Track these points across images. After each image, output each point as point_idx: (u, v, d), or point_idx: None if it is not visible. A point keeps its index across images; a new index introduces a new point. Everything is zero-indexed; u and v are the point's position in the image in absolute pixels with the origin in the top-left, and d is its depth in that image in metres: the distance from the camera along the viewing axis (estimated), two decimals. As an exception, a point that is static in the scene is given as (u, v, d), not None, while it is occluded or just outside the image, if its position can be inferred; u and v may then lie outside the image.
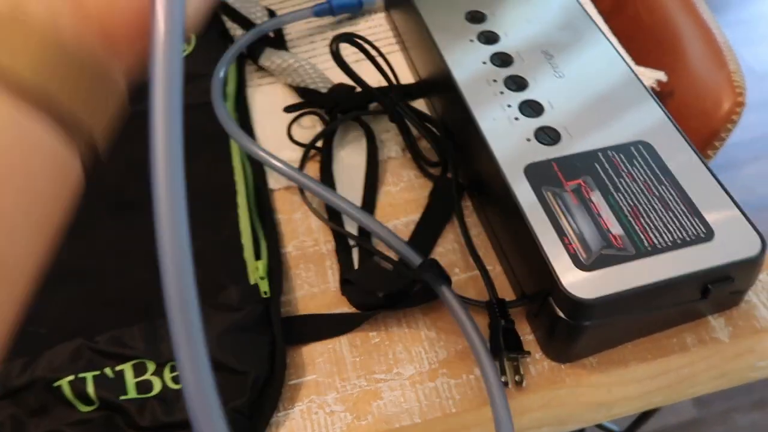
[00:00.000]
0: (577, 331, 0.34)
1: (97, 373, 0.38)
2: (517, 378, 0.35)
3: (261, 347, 0.38)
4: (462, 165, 0.44)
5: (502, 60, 0.43)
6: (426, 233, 0.43)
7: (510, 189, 0.36)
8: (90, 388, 0.37)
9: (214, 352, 0.37)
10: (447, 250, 0.44)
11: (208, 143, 0.48)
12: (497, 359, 0.36)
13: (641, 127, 0.39)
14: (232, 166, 0.48)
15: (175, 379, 0.37)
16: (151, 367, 0.38)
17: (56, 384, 0.37)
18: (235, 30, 0.55)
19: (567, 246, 0.34)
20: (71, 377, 0.37)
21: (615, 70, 0.42)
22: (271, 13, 0.59)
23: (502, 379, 0.35)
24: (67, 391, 0.37)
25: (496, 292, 0.39)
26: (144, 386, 0.37)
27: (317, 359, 0.40)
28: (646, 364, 0.38)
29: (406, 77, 0.52)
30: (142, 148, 0.52)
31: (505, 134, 0.39)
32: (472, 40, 0.44)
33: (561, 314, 0.33)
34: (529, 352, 0.37)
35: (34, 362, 0.38)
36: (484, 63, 0.43)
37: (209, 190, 0.46)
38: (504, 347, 0.35)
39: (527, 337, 0.39)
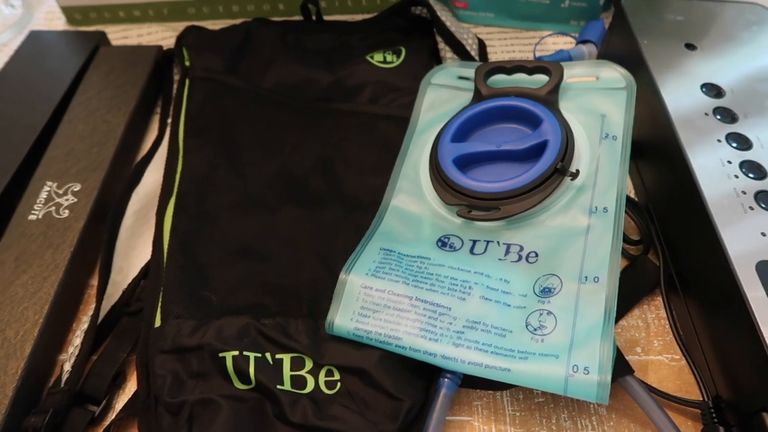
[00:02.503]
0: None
1: (258, 355, 0.38)
2: None
3: (420, 377, 0.38)
4: (670, 249, 0.41)
5: (739, 142, 0.40)
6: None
7: (739, 286, 0.33)
8: (251, 368, 0.38)
9: (375, 371, 0.37)
10: (630, 326, 0.41)
11: (391, 155, 0.48)
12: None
13: None
14: None
15: (329, 384, 0.37)
16: (308, 364, 0.38)
17: (222, 354, 0.38)
18: (446, 52, 0.56)
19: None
20: (236, 352, 0.38)
21: None
22: (481, 43, 0.59)
23: None
24: (229, 364, 0.38)
25: (709, 390, 0.36)
26: (298, 381, 0.38)
27: (475, 402, 0.38)
28: None
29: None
30: (332, 145, 0.54)
31: (738, 225, 0.36)
32: (707, 114, 0.41)
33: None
34: None
35: (202, 327, 0.39)
36: (719, 141, 0.40)
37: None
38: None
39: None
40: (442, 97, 0.50)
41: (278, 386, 0.37)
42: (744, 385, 0.33)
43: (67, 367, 0.39)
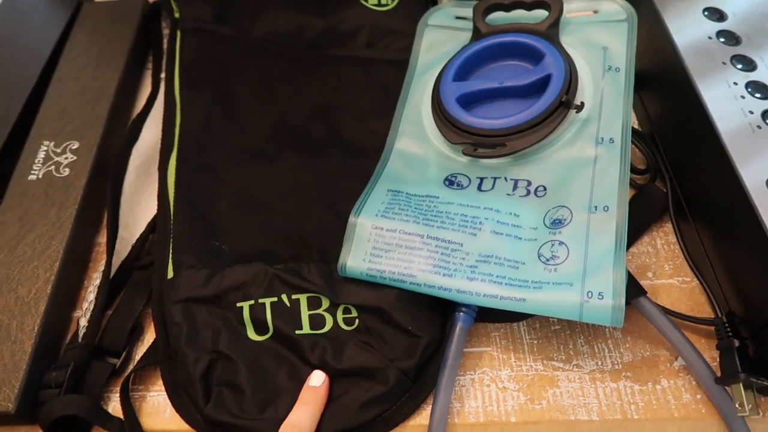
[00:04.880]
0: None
1: (274, 299, 0.38)
2: (750, 406, 0.32)
3: (437, 314, 0.38)
4: (678, 176, 0.41)
5: (744, 63, 0.40)
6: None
7: (751, 202, 0.33)
8: (268, 314, 0.38)
9: (392, 310, 0.37)
10: (640, 252, 0.41)
11: (390, 99, 0.48)
12: (729, 383, 0.34)
13: None
14: None
15: (347, 321, 0.38)
16: (325, 303, 0.38)
17: (239, 305, 0.38)
18: (442, -8, 0.55)
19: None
20: (252, 302, 0.38)
21: None
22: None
23: (737, 406, 0.33)
24: (246, 314, 0.38)
25: (722, 308, 0.37)
26: (316, 321, 0.38)
27: (493, 333, 0.39)
28: None
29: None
30: (329, 92, 0.53)
31: (746, 144, 0.36)
32: (710, 38, 0.41)
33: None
34: (765, 379, 0.33)
35: (215, 275, 0.39)
36: (724, 63, 0.40)
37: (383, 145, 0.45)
38: (740, 370, 0.33)
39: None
40: (440, 38, 0.49)
41: (297, 331, 0.37)
42: (756, 299, 0.34)
43: (83, 322, 0.39)
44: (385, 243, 0.38)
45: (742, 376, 0.32)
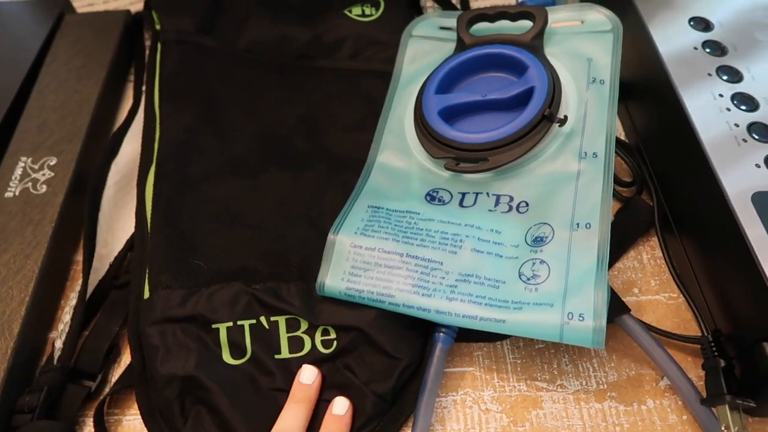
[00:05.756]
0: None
1: (253, 321, 0.38)
2: (736, 428, 0.31)
3: (417, 334, 0.37)
4: (663, 189, 0.41)
5: (730, 74, 0.39)
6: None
7: (736, 218, 0.33)
8: (247, 338, 0.37)
9: (370, 330, 0.36)
10: (626, 267, 0.41)
11: (375, 111, 0.47)
12: (715, 404, 0.33)
13: None
14: None
15: (324, 343, 0.37)
16: (304, 325, 0.38)
17: (215, 326, 0.38)
18: (426, 1, 0.54)
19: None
20: (230, 323, 0.38)
21: None
22: (461, -10, 0.57)
23: (723, 429, 0.32)
24: (223, 336, 0.37)
25: (708, 325, 0.36)
26: (296, 343, 0.37)
27: (476, 352, 0.38)
28: None
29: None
30: (314, 104, 0.52)
31: (732, 158, 0.35)
32: (696, 48, 0.41)
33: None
34: (751, 400, 0.32)
35: (192, 296, 0.39)
36: (710, 75, 0.39)
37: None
38: (726, 392, 0.32)
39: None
40: (425, 48, 0.48)
41: (276, 356, 0.37)
42: (743, 317, 0.33)
43: (59, 344, 0.38)
44: (363, 262, 0.37)
45: (728, 398, 0.32)
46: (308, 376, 0.35)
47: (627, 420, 0.35)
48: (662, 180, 0.41)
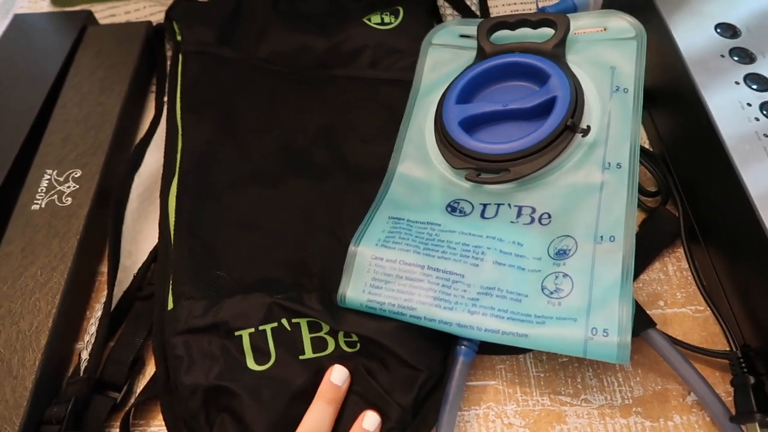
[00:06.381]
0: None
1: (275, 324, 0.38)
2: None
3: (438, 347, 0.37)
4: (689, 199, 0.40)
5: (758, 83, 0.38)
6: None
7: (764, 229, 0.32)
8: (269, 341, 0.37)
9: (391, 342, 0.36)
10: (651, 279, 0.40)
11: (394, 120, 0.47)
12: (745, 422, 0.32)
13: None
14: None
15: (349, 344, 0.37)
16: (325, 327, 0.38)
17: (237, 333, 0.38)
18: (446, 9, 0.54)
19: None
20: (252, 329, 0.38)
21: None
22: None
23: None
24: (246, 342, 0.38)
25: (737, 340, 0.35)
26: (319, 344, 0.37)
27: (498, 365, 0.38)
28: None
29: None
30: (334, 113, 0.52)
31: (760, 169, 0.34)
32: (723, 56, 0.40)
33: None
34: None
35: (214, 306, 0.39)
36: (737, 83, 0.38)
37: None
38: (756, 409, 0.31)
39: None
40: (445, 57, 0.48)
41: (300, 356, 0.37)
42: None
43: (85, 355, 0.39)
44: (384, 274, 0.37)
45: (758, 417, 0.31)
46: (339, 376, 0.35)
47: (653, 436, 0.34)
48: (688, 190, 0.41)
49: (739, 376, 0.33)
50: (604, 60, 0.42)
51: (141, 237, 0.46)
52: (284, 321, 0.38)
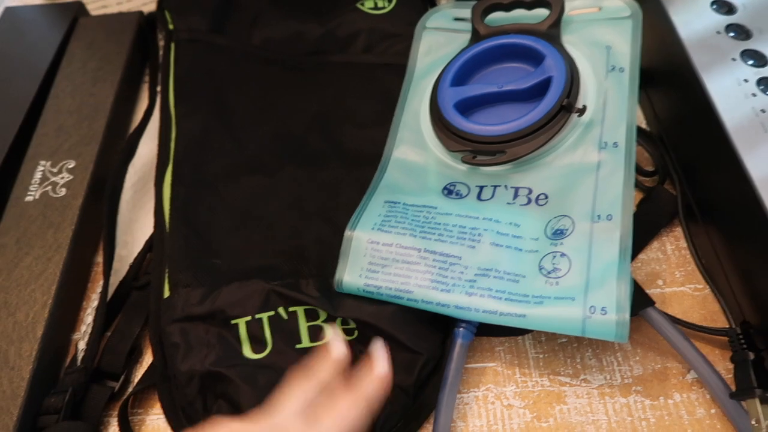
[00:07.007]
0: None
1: (271, 313, 0.38)
2: (767, 423, 0.31)
3: (436, 330, 0.37)
4: (687, 178, 0.40)
5: (755, 59, 0.38)
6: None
7: (763, 206, 0.32)
8: (266, 330, 0.37)
9: (389, 326, 0.36)
10: (650, 259, 0.40)
11: (390, 105, 0.46)
12: (745, 398, 0.32)
13: None
14: None
15: (346, 332, 0.37)
16: (323, 315, 0.38)
17: (234, 321, 0.38)
18: (439, -8, 0.53)
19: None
20: (248, 317, 0.38)
21: None
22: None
23: (753, 423, 0.31)
24: (242, 330, 0.37)
25: (736, 317, 0.35)
26: (315, 333, 0.37)
27: (497, 347, 0.38)
28: None
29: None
30: (329, 99, 0.52)
31: (758, 145, 0.34)
32: (719, 32, 0.39)
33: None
34: None
35: (211, 294, 0.39)
36: (734, 59, 0.38)
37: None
38: (756, 385, 0.31)
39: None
40: (439, 40, 0.47)
41: (297, 346, 0.37)
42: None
43: (82, 345, 0.39)
44: (381, 258, 0.37)
45: (758, 392, 0.31)
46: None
47: (653, 414, 0.34)
48: (686, 168, 0.40)
49: (739, 353, 0.33)
50: (600, 39, 0.42)
51: (136, 226, 0.46)
52: (281, 310, 0.38)
